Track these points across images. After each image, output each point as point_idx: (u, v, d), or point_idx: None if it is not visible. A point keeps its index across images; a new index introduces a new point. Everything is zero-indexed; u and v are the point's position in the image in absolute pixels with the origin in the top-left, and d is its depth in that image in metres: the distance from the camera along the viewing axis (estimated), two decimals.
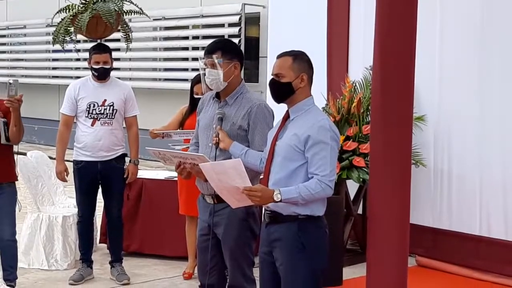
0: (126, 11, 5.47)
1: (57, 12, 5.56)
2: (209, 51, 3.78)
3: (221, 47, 3.79)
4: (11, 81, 4.45)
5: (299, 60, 3.43)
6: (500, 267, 5.58)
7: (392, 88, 3.79)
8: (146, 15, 5.64)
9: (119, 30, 5.73)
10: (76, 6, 5.40)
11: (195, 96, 5.36)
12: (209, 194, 3.80)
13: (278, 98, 3.46)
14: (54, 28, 5.56)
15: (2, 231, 4.69)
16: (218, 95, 3.86)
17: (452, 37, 5.99)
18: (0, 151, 4.61)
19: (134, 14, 5.56)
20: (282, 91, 3.42)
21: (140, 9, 5.56)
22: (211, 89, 3.91)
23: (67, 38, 5.49)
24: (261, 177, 3.57)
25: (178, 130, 5.44)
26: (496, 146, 5.72)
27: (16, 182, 4.87)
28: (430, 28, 5.93)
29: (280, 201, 3.27)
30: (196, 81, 5.39)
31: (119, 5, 5.37)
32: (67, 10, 5.43)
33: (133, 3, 5.53)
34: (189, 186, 5.14)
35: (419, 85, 5.54)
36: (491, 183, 5.74)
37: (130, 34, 5.64)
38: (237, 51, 3.88)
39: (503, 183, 5.67)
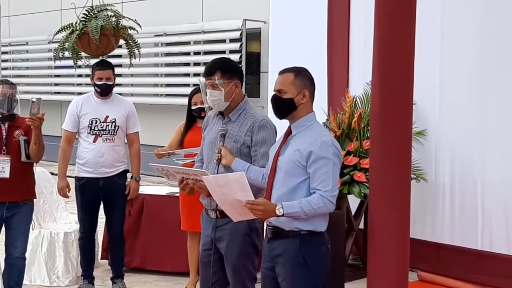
0: (120, 27, 5.44)
1: (58, 31, 5.59)
2: (208, 72, 3.78)
3: (220, 67, 3.78)
4: (34, 99, 4.47)
5: (301, 76, 3.45)
6: (502, 282, 5.56)
7: (391, 103, 3.81)
8: (137, 31, 5.59)
9: (120, 46, 5.75)
10: (77, 24, 5.42)
11: (193, 107, 5.35)
12: (213, 209, 3.81)
13: (280, 114, 3.48)
14: (55, 45, 5.59)
15: (14, 248, 4.70)
16: (222, 112, 3.88)
17: (452, 52, 6.01)
18: (20, 169, 4.64)
19: (130, 30, 5.55)
20: (284, 107, 3.44)
21: (138, 24, 5.56)
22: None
23: (68, 54, 5.53)
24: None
25: (182, 150, 5.41)
26: (498, 160, 5.72)
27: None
28: (430, 43, 5.96)
29: (283, 215, 3.28)
30: (195, 91, 5.39)
31: (108, 21, 5.35)
32: (67, 28, 5.46)
33: (131, 19, 5.53)
34: (191, 202, 5.14)
35: (420, 100, 5.60)
36: (492, 198, 5.73)
37: (134, 50, 5.63)
38: (236, 69, 3.88)
39: (505, 198, 5.66)
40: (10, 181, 4.59)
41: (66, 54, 5.58)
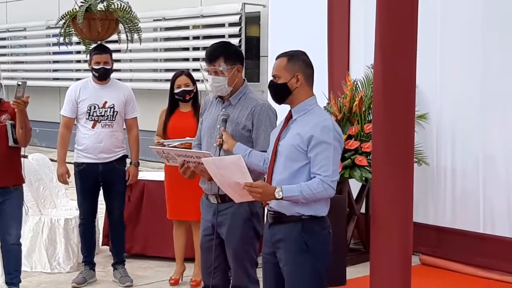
0: (112, 11, 5.37)
1: (61, 18, 5.54)
2: (211, 58, 3.74)
3: (222, 53, 3.74)
4: (19, 82, 4.40)
5: (294, 59, 3.41)
6: (504, 265, 5.56)
7: (394, 86, 3.77)
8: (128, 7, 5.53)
9: (119, 32, 5.70)
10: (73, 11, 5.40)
11: (177, 90, 5.28)
12: (213, 194, 3.79)
13: (277, 99, 3.46)
14: (54, 31, 5.57)
15: (9, 235, 4.69)
16: (221, 96, 3.84)
17: (453, 34, 5.97)
18: (8, 153, 4.60)
19: (122, 12, 5.48)
20: (279, 92, 3.42)
21: (129, 7, 5.50)
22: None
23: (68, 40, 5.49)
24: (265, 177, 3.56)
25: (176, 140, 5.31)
26: (499, 143, 5.70)
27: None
28: (431, 25, 5.92)
29: (281, 198, 3.26)
30: (178, 74, 5.33)
31: (95, 5, 5.26)
32: (67, 16, 5.42)
33: (123, 2, 5.47)
34: (175, 190, 5.21)
35: (421, 83, 5.56)
36: (494, 181, 5.72)
37: (132, 34, 5.58)
38: (238, 53, 3.85)
39: (506, 180, 5.65)
40: None
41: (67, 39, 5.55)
